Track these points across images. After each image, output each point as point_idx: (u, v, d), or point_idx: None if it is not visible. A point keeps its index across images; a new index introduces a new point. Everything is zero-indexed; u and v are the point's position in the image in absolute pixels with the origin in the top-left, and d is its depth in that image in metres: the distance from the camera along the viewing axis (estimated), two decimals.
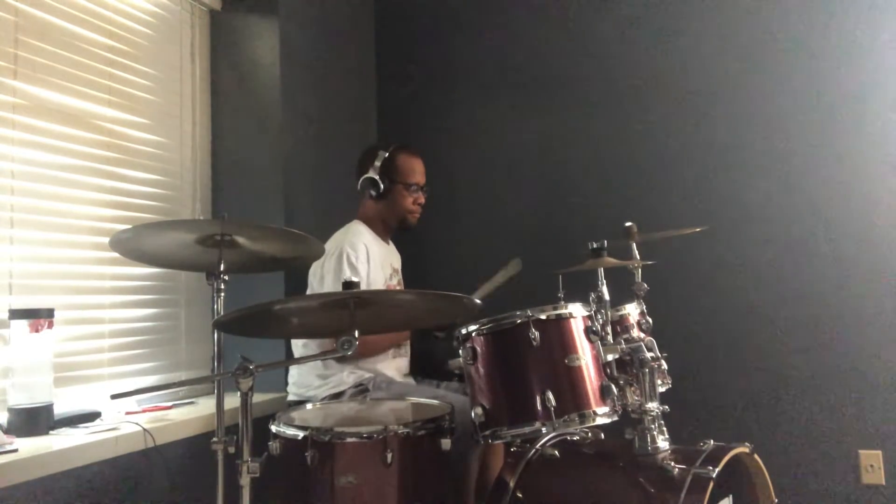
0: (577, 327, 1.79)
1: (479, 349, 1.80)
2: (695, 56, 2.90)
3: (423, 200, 2.46)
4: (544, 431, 1.73)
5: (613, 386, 1.75)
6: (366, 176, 2.38)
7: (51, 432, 1.77)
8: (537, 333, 1.73)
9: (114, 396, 1.45)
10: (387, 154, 2.39)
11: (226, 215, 1.79)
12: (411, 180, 2.41)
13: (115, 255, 1.81)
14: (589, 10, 3.07)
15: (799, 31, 2.77)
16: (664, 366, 1.88)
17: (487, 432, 1.75)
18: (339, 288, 2.11)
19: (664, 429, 1.79)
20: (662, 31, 2.95)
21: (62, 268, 2.04)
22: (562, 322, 1.78)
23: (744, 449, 1.75)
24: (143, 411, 2.10)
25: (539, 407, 1.70)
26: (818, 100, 2.73)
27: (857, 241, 2.65)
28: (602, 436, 1.97)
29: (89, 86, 2.14)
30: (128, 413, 2.05)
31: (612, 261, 1.90)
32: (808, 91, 2.75)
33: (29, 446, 1.64)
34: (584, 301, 1.84)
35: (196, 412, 2.15)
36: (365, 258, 2.28)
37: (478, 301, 1.56)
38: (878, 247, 2.63)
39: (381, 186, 2.36)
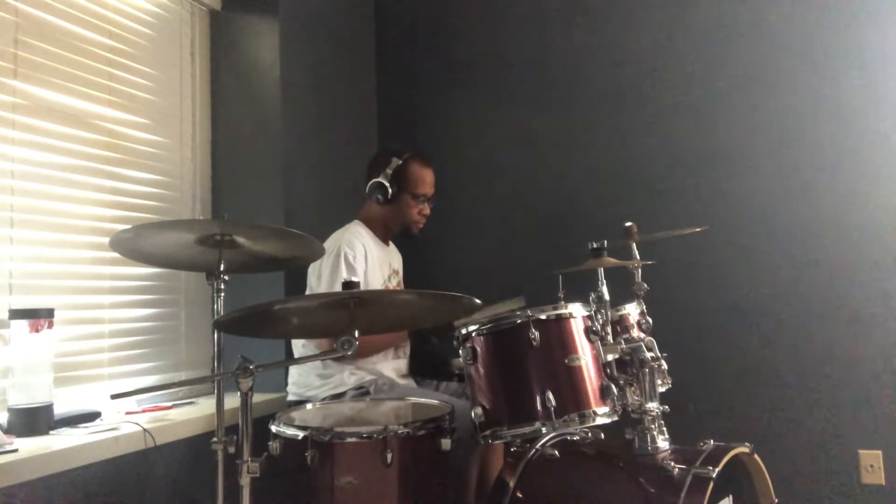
0: (577, 327, 1.79)
1: (479, 349, 1.80)
2: (696, 56, 2.90)
3: (428, 212, 2.45)
4: (544, 431, 1.73)
5: (613, 386, 1.75)
6: (375, 180, 2.37)
7: (51, 432, 1.77)
8: (537, 333, 1.73)
9: (114, 396, 1.45)
10: (400, 162, 2.38)
11: (226, 215, 1.79)
12: (420, 191, 2.41)
13: (115, 255, 1.81)
14: (589, 10, 3.07)
15: (801, 32, 2.77)
16: (664, 366, 1.88)
17: (487, 432, 1.76)
18: (337, 287, 2.13)
19: (664, 429, 1.79)
20: (663, 31, 2.95)
21: (62, 268, 2.04)
22: (562, 322, 1.78)
23: (744, 449, 1.75)
24: (143, 411, 2.10)
25: (539, 407, 1.70)
26: (820, 100, 2.73)
27: (858, 241, 2.65)
28: (602, 436, 1.97)
29: (89, 86, 2.14)
30: (128, 413, 2.05)
31: (612, 261, 1.90)
32: (810, 91, 2.75)
33: (29, 446, 1.64)
34: (584, 301, 1.84)
35: (196, 412, 2.14)
36: (363, 257, 2.28)
37: (477, 301, 1.56)
38: (879, 247, 2.62)
39: (390, 193, 2.36)
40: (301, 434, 1.61)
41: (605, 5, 3.04)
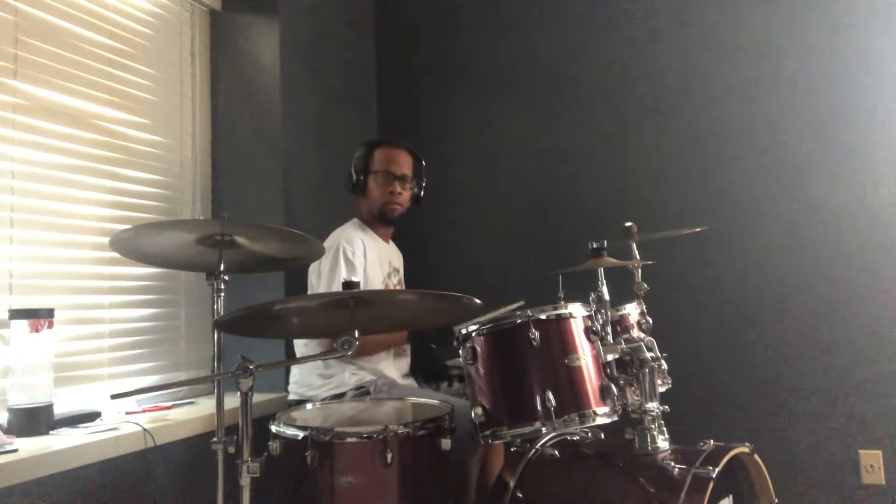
0: (577, 327, 1.79)
1: (479, 349, 1.80)
2: (696, 56, 2.90)
3: (397, 189, 2.38)
4: (544, 431, 1.74)
5: (613, 386, 1.75)
6: (347, 171, 2.42)
7: (51, 432, 1.77)
8: (537, 333, 1.73)
9: (114, 396, 1.45)
10: (364, 149, 2.42)
11: (226, 215, 1.79)
12: (380, 168, 2.39)
13: (115, 255, 1.81)
14: (589, 10, 3.07)
15: (801, 32, 2.77)
16: (664, 366, 1.88)
17: (487, 432, 1.76)
18: (337, 284, 2.13)
19: (664, 429, 1.80)
20: (663, 32, 2.96)
21: (62, 268, 2.04)
22: (562, 322, 1.78)
23: (744, 449, 1.75)
24: (143, 411, 2.10)
25: (539, 407, 1.70)
26: (820, 100, 2.73)
27: (858, 241, 2.65)
28: (602, 436, 1.97)
29: (89, 86, 2.14)
30: (128, 413, 2.05)
31: (612, 261, 1.90)
32: (810, 91, 2.75)
33: (29, 446, 1.64)
34: (584, 301, 1.84)
35: (196, 412, 2.14)
36: (362, 253, 2.29)
37: (478, 301, 1.55)
38: (879, 247, 2.63)
39: (354, 178, 2.39)
40: (301, 434, 1.61)
41: (605, 7, 3.05)
